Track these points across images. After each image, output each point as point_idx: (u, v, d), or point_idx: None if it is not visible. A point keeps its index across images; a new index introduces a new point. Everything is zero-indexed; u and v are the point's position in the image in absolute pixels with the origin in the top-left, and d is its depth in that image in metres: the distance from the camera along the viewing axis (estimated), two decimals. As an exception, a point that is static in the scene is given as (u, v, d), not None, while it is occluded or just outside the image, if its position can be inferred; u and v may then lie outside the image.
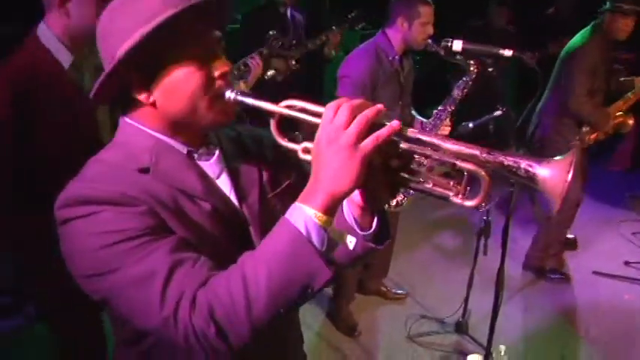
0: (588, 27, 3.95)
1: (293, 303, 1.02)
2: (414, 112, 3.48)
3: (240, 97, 1.17)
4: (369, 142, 0.99)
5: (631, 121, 4.13)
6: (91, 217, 1.06)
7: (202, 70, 1.14)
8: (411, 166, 1.11)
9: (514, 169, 0.99)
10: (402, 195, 3.31)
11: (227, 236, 1.20)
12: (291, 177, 1.37)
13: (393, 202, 3.31)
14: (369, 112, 1.01)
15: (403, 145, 1.05)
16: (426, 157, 1.05)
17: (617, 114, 4.10)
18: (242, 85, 3.22)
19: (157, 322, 1.01)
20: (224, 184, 1.27)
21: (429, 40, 3.11)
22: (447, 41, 2.79)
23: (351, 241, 1.13)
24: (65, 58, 2.08)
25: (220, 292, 1.00)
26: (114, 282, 1.05)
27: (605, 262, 4.31)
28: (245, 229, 1.27)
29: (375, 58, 3.15)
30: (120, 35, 1.11)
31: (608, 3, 3.87)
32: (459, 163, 1.02)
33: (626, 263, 4.31)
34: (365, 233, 1.19)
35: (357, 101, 1.02)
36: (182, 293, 1.01)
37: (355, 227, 1.18)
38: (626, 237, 4.76)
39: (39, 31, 2.07)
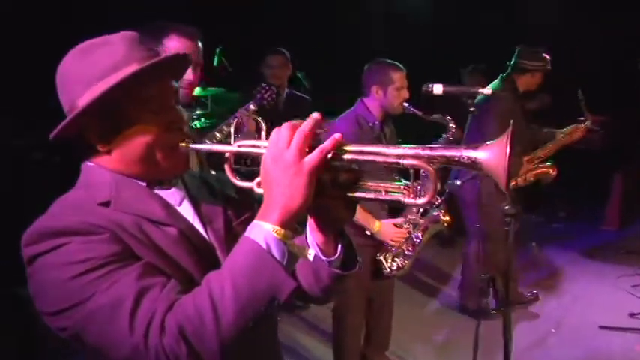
0: (497, 80, 4.03)
1: (260, 315, 1.01)
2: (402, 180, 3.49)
3: (192, 146, 1.22)
4: (313, 156, 1.03)
5: (554, 172, 4.18)
6: (57, 250, 1.07)
7: (158, 124, 1.18)
8: (361, 180, 1.13)
9: (457, 159, 1.03)
10: (402, 259, 3.27)
11: (195, 261, 1.20)
12: (254, 210, 1.37)
13: (394, 267, 3.27)
14: (305, 126, 1.04)
15: (347, 157, 1.07)
16: (371, 163, 1.07)
17: (540, 165, 4.15)
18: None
19: (128, 348, 1.01)
20: (186, 211, 1.29)
21: (406, 104, 3.19)
22: (428, 86, 2.81)
23: (310, 254, 1.13)
24: None
25: (188, 310, 1.00)
26: (84, 313, 1.04)
27: (610, 316, 4.20)
28: (212, 254, 1.26)
29: (357, 124, 3.19)
30: (83, 81, 1.15)
31: (514, 58, 3.97)
32: (402, 161, 1.05)
33: (631, 315, 4.21)
34: (330, 259, 1.19)
35: (300, 122, 1.06)
36: (151, 318, 1.00)
37: (320, 255, 1.18)
38: (626, 290, 4.68)
39: None
